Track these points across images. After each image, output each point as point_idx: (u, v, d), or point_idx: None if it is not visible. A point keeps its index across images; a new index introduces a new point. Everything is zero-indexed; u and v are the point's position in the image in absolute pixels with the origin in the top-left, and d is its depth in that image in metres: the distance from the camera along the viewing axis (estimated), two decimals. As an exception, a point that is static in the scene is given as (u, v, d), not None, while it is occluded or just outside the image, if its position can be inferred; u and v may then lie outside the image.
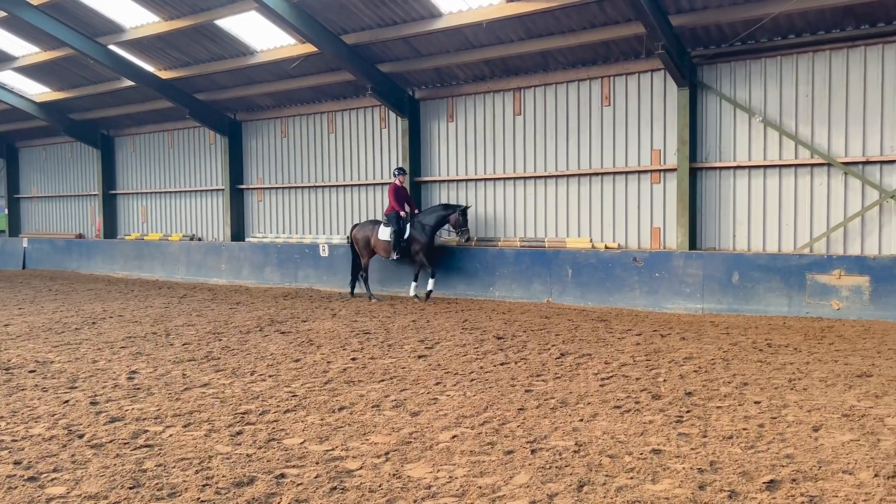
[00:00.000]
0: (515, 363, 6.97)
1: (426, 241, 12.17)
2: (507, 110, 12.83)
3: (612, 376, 6.38)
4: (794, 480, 3.81)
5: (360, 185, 14.77)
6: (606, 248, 11.61)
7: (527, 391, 5.85)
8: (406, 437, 4.62)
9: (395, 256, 12.21)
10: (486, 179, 13.12)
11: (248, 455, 4.33)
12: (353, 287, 13.04)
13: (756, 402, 5.42)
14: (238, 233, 16.72)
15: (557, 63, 11.94)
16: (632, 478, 3.89)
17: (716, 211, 10.87)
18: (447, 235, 12.87)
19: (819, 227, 10.06)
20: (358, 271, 12.89)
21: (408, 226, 12.26)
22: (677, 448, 4.37)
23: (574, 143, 12.12)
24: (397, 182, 12.60)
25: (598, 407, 5.34)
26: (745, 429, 4.74)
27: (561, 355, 7.34)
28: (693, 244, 10.86)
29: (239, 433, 4.77)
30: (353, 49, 12.49)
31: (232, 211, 16.61)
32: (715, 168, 10.81)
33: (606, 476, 3.92)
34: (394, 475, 3.97)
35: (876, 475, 3.86)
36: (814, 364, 6.78)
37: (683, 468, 4.01)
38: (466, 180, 13.35)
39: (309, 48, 12.57)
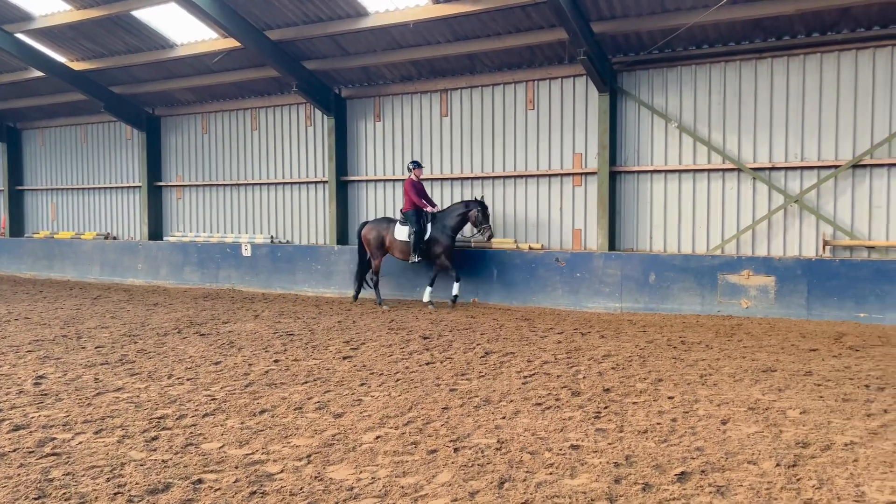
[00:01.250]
0: (441, 363, 7.02)
1: (448, 243, 11.17)
2: (435, 111, 12.89)
3: (534, 374, 6.50)
4: (703, 472, 3.99)
5: (284, 183, 14.52)
6: (530, 248, 11.82)
7: (451, 390, 5.90)
8: (329, 439, 4.59)
9: (415, 259, 11.14)
10: (431, 180, 13.11)
11: (163, 461, 4.20)
12: (357, 291, 11.99)
13: (670, 398, 5.64)
14: (156, 231, 16.15)
15: (483, 66, 12.08)
16: (551, 473, 3.98)
17: (634, 213, 11.24)
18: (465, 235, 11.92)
19: (730, 229, 10.55)
20: (364, 273, 11.91)
21: (429, 225, 11.22)
22: (595, 443, 4.50)
23: (500, 146, 12.28)
24: (413, 177, 11.43)
25: (521, 404, 5.44)
26: (659, 423, 4.93)
27: (485, 354, 7.43)
28: (612, 245, 11.19)
29: (154, 438, 4.62)
30: (277, 45, 12.27)
31: (150, 209, 16.04)
32: (633, 172, 11.18)
33: (527, 472, 4.00)
34: (315, 477, 3.93)
35: (777, 465, 4.08)
36: (724, 360, 7.10)
37: (600, 462, 4.13)
38: (394, 180, 13.33)
39: (231, 43, 12.27)
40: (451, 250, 11.24)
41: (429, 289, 11.44)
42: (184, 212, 15.99)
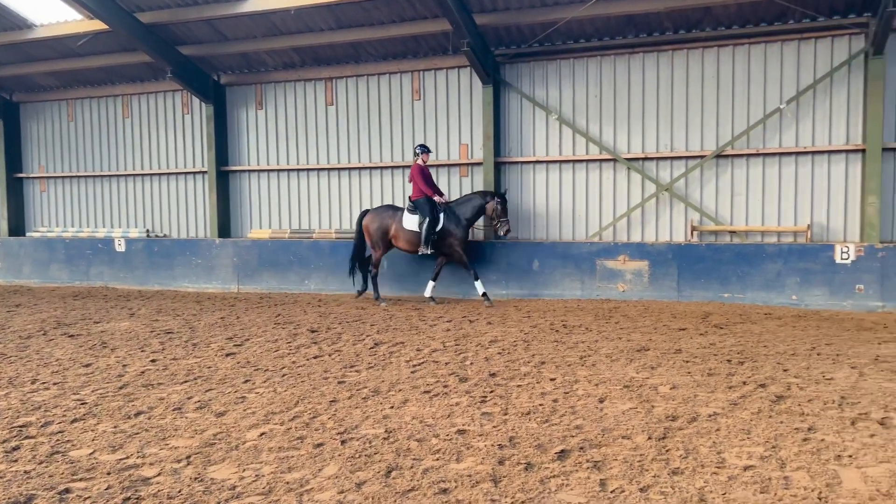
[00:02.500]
0: (329, 356, 6.93)
1: (464, 235, 10.48)
2: (320, 100, 12.66)
3: (423, 363, 6.55)
4: (581, 448, 4.16)
5: (160, 174, 13.83)
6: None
7: (339, 383, 5.84)
8: (210, 439, 4.42)
9: (427, 251, 10.29)
10: (298, 170, 12.86)
11: (26, 472, 3.90)
12: (364, 285, 11.10)
13: (552, 379, 5.84)
14: (17, 227, 14.95)
15: (369, 55, 11.98)
16: (438, 459, 4.03)
17: (518, 203, 11.52)
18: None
19: (607, 217, 11.05)
20: (366, 266, 11.05)
21: (441, 215, 10.45)
22: (481, 427, 4.59)
23: (387, 135, 12.24)
24: (420, 162, 10.53)
25: (409, 393, 5.47)
26: (541, 404, 5.10)
27: (375, 345, 7.41)
28: (498, 234, 11.43)
29: (16, 448, 4.28)
30: (149, 28, 11.62)
31: (9, 202, 14.82)
32: (518, 162, 11.46)
33: (414, 459, 4.02)
34: (195, 479, 3.79)
35: (649, 438, 4.33)
36: (602, 341, 7.44)
37: (485, 445, 4.23)
38: (278, 170, 13.00)
39: (98, 25, 11.49)
40: (466, 243, 10.59)
41: (431, 283, 10.77)
42: (49, 205, 14.89)
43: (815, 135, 9.92)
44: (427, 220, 10.24)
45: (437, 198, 10.45)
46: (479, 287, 10.41)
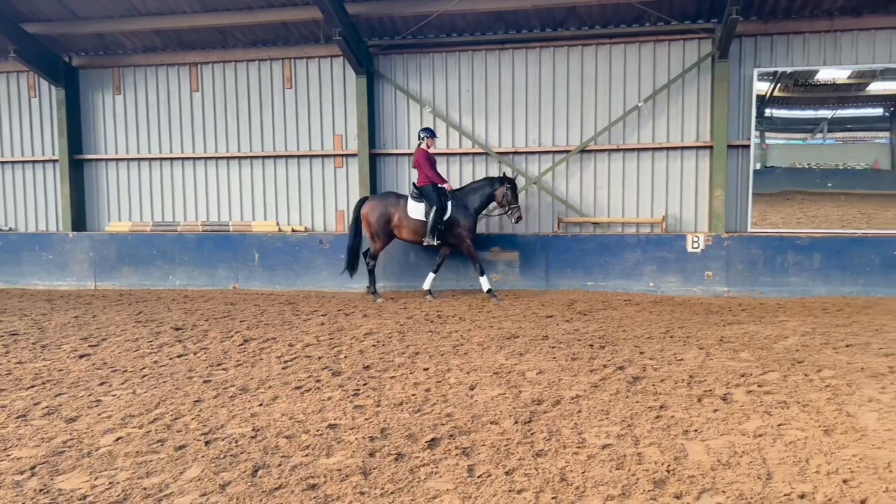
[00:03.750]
0: (194, 354, 6.63)
1: (472, 224, 9.93)
2: (184, 86, 12.06)
3: (295, 358, 6.42)
4: (451, 436, 4.24)
5: (5, 162, 12.66)
6: (293, 231, 11.63)
7: (205, 382, 5.61)
8: (59, 447, 4.12)
9: (433, 242, 9.73)
10: (161, 159, 12.21)
11: None
12: (374, 283, 10.33)
13: (425, 369, 5.90)
14: None
15: (237, 40, 11.54)
16: (307, 455, 3.97)
17: (394, 194, 11.53)
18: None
19: (480, 208, 11.28)
20: (357, 258, 10.27)
21: (449, 203, 9.85)
22: (352, 420, 4.56)
23: (257, 125, 11.86)
24: (425, 146, 9.90)
25: (280, 390, 5.34)
26: (414, 394, 5.14)
27: (244, 342, 7.17)
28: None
29: None
30: (-13, 2, 10.61)
31: None
32: (392, 154, 11.46)
33: (282, 457, 3.94)
34: (41, 490, 3.51)
35: (516, 422, 4.47)
36: (475, 330, 7.61)
37: (357, 438, 4.21)
38: (139, 159, 12.27)
39: (-75, -5, 10.36)
40: (475, 233, 10.06)
41: (431, 275, 10.19)
42: None
43: (670, 132, 10.61)
44: (434, 208, 9.62)
45: (445, 185, 9.88)
46: (485, 283, 9.91)
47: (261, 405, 4.94)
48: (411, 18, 10.51)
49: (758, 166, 10.23)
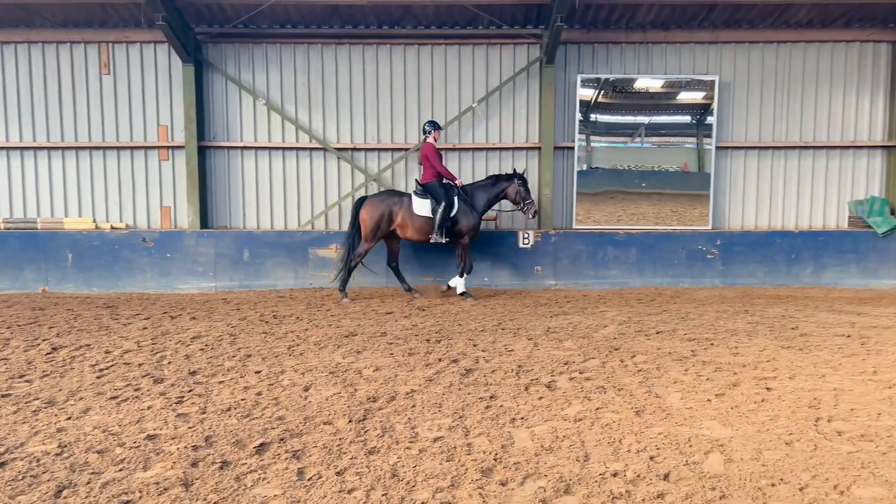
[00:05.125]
0: (-9, 366, 5.93)
1: (478, 223, 9.70)
2: (-21, 67, 10.75)
3: (112, 366, 5.93)
4: (282, 440, 4.11)
5: None
6: (112, 228, 10.75)
7: (3, 396, 5.03)
8: None
9: (442, 239, 9.41)
10: (-48, 148, 10.81)
11: None
12: (404, 282, 9.97)
13: (257, 372, 5.69)
14: None
15: (44, 20, 10.46)
16: (121, 469, 3.67)
17: (226, 190, 11.02)
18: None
19: (318, 205, 11.07)
20: (352, 260, 9.72)
21: (456, 199, 9.52)
22: (174, 430, 4.29)
23: (70, 113, 10.83)
24: (432, 139, 9.56)
25: (92, 401, 4.90)
26: (243, 399, 4.93)
27: (53, 350, 6.52)
28: (205, 223, 10.83)
29: None
30: None
31: None
32: (224, 147, 10.94)
33: (92, 473, 3.62)
34: None
35: (350, 421, 4.42)
36: (312, 329, 7.45)
37: (178, 448, 3.96)
38: (-76, 148, 10.78)
39: None
40: (477, 232, 9.82)
41: (460, 278, 9.75)
42: None
43: (502, 132, 11.01)
44: (443, 204, 9.36)
45: (456, 181, 9.67)
46: (460, 285, 9.71)
47: (69, 419, 4.51)
48: (242, 7, 10.07)
49: (583, 167, 10.89)
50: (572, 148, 10.89)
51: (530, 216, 9.82)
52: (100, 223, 10.86)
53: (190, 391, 5.14)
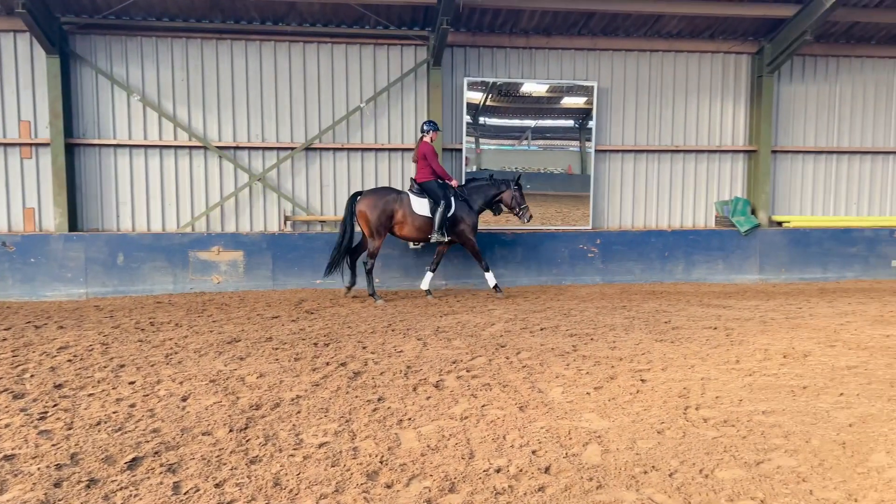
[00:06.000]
0: None
1: (476, 221, 9.83)
2: None
3: (-36, 382, 5.43)
4: (157, 453, 3.90)
5: None
6: (-34, 232, 9.87)
7: None
8: None
9: (444, 238, 9.53)
10: None
11: None
12: (353, 277, 9.85)
13: (131, 383, 5.38)
14: None
15: None
16: (-28, 496, 3.37)
17: (97, 190, 10.37)
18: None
19: (199, 206, 10.63)
20: (355, 257, 9.84)
21: (453, 199, 9.58)
22: (36, 448, 3.98)
23: (-87, 105, 9.85)
24: (429, 139, 9.57)
25: (-60, 422, 4.47)
26: (115, 412, 4.65)
27: None
28: (73, 225, 10.15)
29: None
30: None
31: None
32: (95, 145, 10.29)
33: (-63, 503, 3.29)
34: None
35: (230, 430, 4.27)
36: (192, 336, 7.13)
37: (40, 468, 3.67)
38: None
39: None
40: (476, 230, 9.93)
41: (430, 274, 9.98)
42: None
43: (391, 133, 10.99)
44: (443, 203, 9.40)
45: (452, 182, 9.73)
46: (491, 279, 9.94)
47: (-90, 443, 4.09)
48: (114, -4, 9.53)
49: (473, 168, 11.06)
50: (461, 150, 11.03)
51: (525, 220, 9.97)
52: (-49, 226, 9.94)
53: (55, 406, 4.79)
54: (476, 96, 10.98)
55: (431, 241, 9.66)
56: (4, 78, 10.02)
